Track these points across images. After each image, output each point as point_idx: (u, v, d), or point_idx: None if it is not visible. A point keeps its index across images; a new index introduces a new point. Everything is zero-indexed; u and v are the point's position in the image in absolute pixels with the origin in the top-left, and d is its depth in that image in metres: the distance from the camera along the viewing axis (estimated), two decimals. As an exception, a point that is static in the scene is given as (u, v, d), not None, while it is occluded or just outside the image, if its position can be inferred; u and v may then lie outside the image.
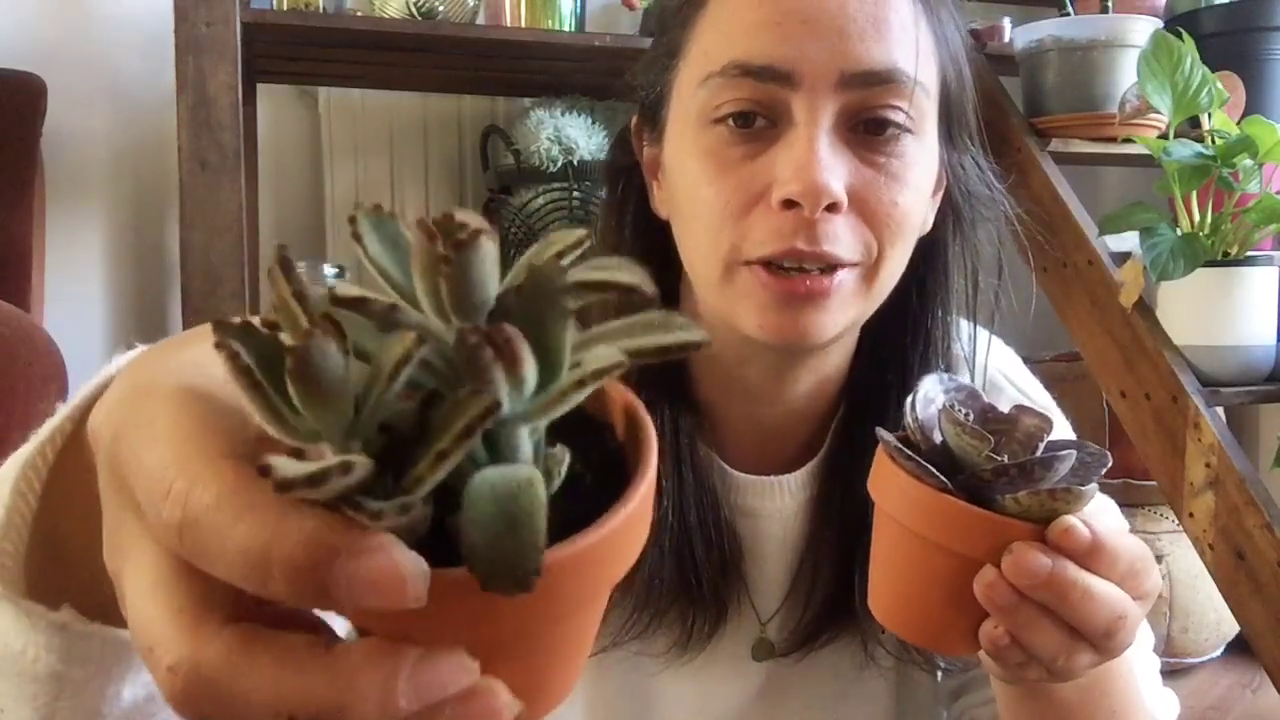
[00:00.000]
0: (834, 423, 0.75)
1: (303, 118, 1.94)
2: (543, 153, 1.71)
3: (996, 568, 0.47)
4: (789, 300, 0.62)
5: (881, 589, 0.54)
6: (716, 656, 0.75)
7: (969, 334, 0.76)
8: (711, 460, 0.73)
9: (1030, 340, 0.71)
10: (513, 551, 0.23)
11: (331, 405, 0.24)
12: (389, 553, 0.23)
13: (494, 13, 1.68)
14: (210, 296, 1.39)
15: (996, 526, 0.48)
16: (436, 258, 0.25)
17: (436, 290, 0.25)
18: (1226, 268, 1.48)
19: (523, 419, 0.26)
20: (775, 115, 0.63)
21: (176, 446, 0.25)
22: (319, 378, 0.23)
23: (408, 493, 0.24)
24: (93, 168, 1.80)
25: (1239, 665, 1.80)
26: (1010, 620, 0.48)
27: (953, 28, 0.68)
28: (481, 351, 0.23)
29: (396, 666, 0.24)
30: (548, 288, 0.25)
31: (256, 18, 1.48)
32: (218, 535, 0.24)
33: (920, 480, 0.48)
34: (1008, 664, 0.51)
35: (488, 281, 0.25)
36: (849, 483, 0.73)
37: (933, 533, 0.49)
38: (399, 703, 0.24)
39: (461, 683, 0.25)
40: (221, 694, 0.24)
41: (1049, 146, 1.67)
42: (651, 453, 0.28)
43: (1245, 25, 1.71)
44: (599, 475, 0.28)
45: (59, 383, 1.24)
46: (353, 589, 0.23)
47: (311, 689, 0.24)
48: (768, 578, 0.75)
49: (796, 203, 0.61)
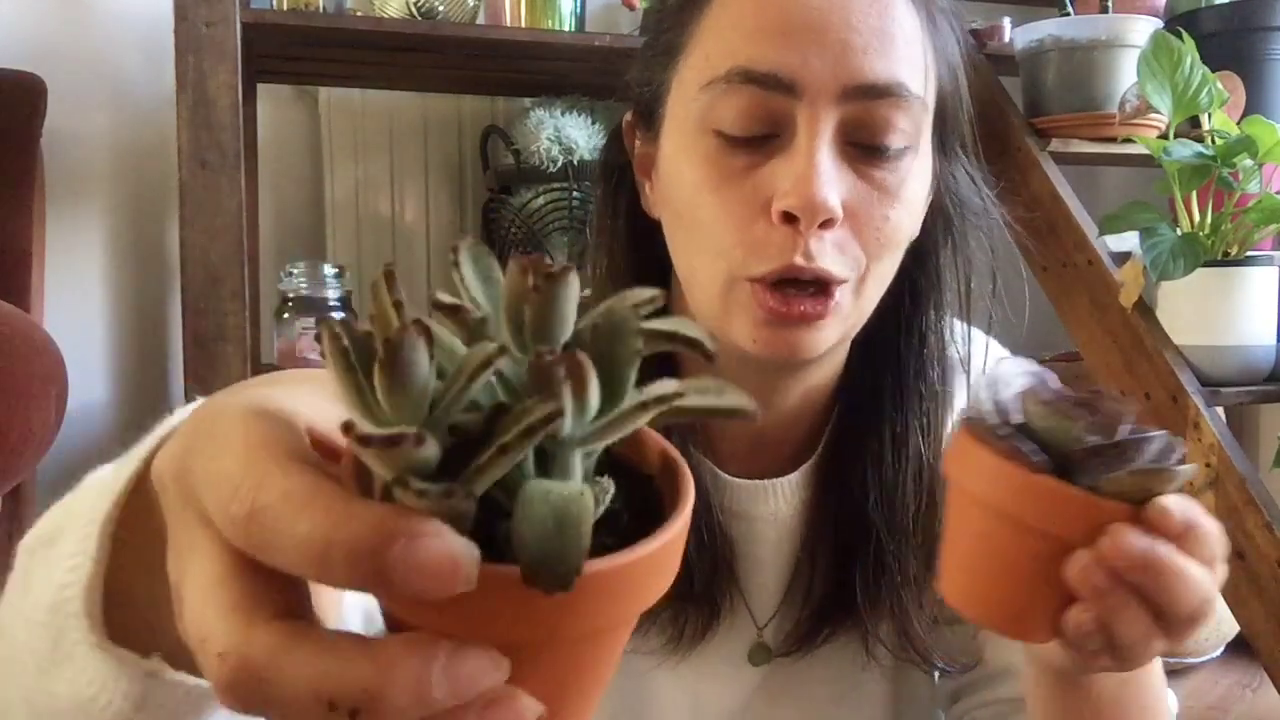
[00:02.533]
0: (828, 426, 0.75)
1: (303, 118, 1.94)
2: (543, 153, 1.71)
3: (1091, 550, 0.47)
4: (785, 320, 0.62)
5: (957, 573, 0.52)
6: (713, 660, 0.74)
7: (963, 335, 0.76)
8: (703, 464, 0.72)
9: (1030, 340, 0.71)
10: (558, 550, 0.25)
11: (411, 399, 0.26)
12: (444, 538, 0.24)
13: (494, 13, 1.68)
14: (210, 296, 1.39)
15: (1094, 507, 0.46)
16: (526, 288, 0.27)
17: (520, 318, 0.28)
18: (1226, 268, 1.48)
19: (579, 442, 0.28)
20: (777, 125, 0.63)
21: (245, 453, 0.27)
22: (405, 370, 0.25)
23: (466, 486, 0.25)
24: (93, 168, 1.80)
25: (1239, 665, 1.80)
26: (1100, 604, 0.47)
27: (951, 39, 0.68)
28: (554, 370, 0.26)
29: (432, 656, 0.25)
30: (621, 329, 0.28)
31: (256, 18, 1.48)
32: (283, 525, 0.25)
33: (1013, 461, 0.47)
34: (1084, 651, 0.50)
35: (568, 315, 0.28)
36: (844, 485, 0.73)
37: (1024, 514, 0.47)
38: (433, 692, 0.25)
39: (492, 679, 0.26)
40: (267, 680, 0.25)
41: (1049, 146, 1.67)
42: (689, 494, 0.30)
43: (1245, 25, 1.71)
44: (635, 515, 0.29)
45: (59, 383, 1.24)
46: (409, 572, 0.24)
47: (351, 675, 0.25)
48: (763, 581, 0.75)
49: (795, 216, 0.61)
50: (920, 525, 0.72)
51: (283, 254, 1.87)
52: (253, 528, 0.26)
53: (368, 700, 0.25)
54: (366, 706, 0.25)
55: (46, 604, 0.38)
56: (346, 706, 0.25)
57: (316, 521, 0.25)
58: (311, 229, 1.94)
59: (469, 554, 0.25)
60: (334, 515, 0.25)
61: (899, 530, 0.72)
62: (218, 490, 0.27)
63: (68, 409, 1.27)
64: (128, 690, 0.37)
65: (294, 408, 0.31)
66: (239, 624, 0.26)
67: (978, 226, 0.73)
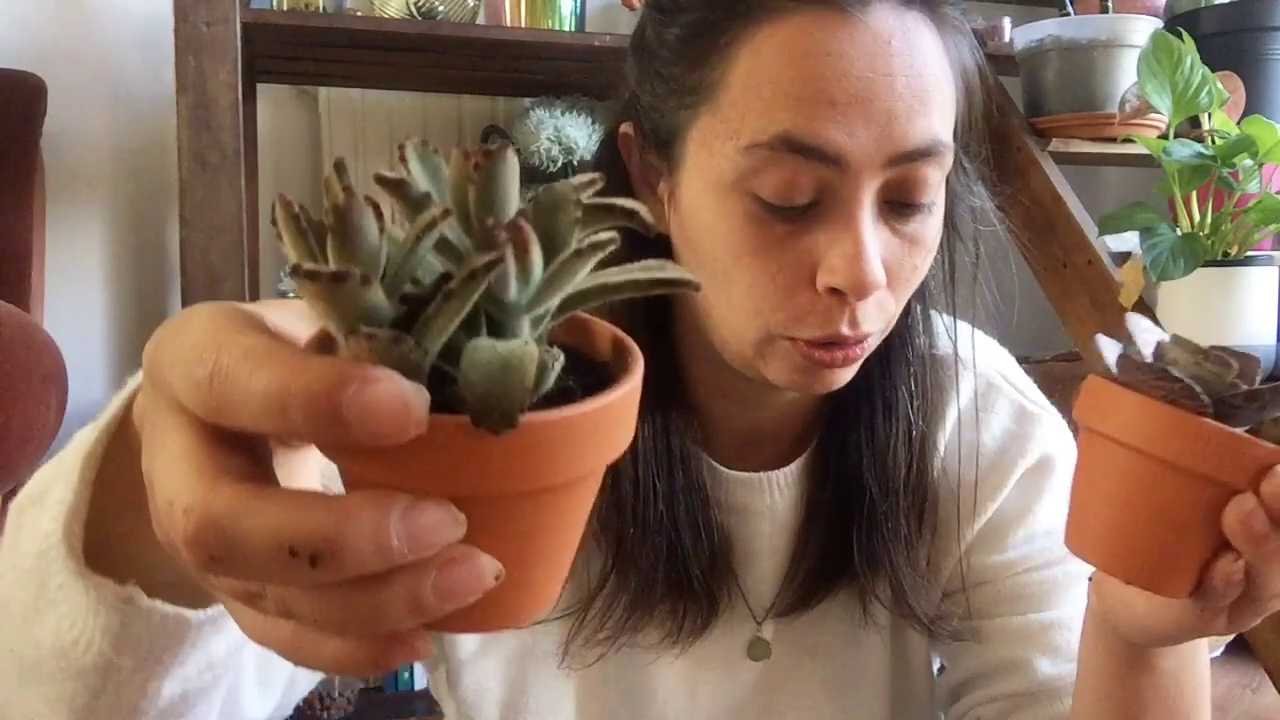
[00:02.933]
0: (823, 417, 0.76)
1: (303, 118, 1.94)
2: (543, 153, 1.71)
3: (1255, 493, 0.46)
4: (826, 365, 0.63)
5: (1095, 523, 0.51)
6: (711, 655, 0.75)
7: (948, 328, 0.76)
8: (700, 458, 0.73)
9: (1030, 340, 0.71)
10: (502, 389, 0.26)
11: (361, 261, 0.27)
12: (394, 381, 0.25)
13: (494, 13, 1.68)
14: (210, 296, 1.39)
15: (1259, 451, 0.46)
16: (468, 170, 0.28)
17: (465, 200, 0.29)
18: (1226, 268, 1.48)
19: (525, 309, 0.29)
20: (820, 194, 0.61)
21: (208, 324, 0.28)
22: (355, 234, 0.27)
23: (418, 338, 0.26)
24: (93, 168, 1.80)
25: (1239, 665, 1.80)
26: (1255, 551, 0.47)
27: (971, 60, 0.67)
28: (497, 233, 0.27)
29: (389, 507, 0.26)
30: (561, 201, 0.29)
31: (256, 18, 1.48)
32: (242, 382, 0.26)
33: (1177, 404, 0.47)
34: (1216, 606, 0.50)
35: (510, 191, 0.29)
36: (840, 476, 0.73)
37: (1186, 458, 0.47)
38: (391, 540, 0.26)
39: (449, 533, 0.27)
40: (228, 531, 0.26)
41: (1049, 146, 1.67)
42: (638, 362, 0.31)
43: (1245, 25, 1.71)
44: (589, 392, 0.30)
45: (59, 383, 1.24)
46: (362, 414, 0.25)
47: (310, 522, 0.26)
48: (762, 575, 0.76)
49: (842, 291, 0.60)
50: (910, 489, 0.73)
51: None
52: (214, 387, 0.27)
53: (326, 546, 0.25)
54: (325, 551, 0.26)
55: (33, 552, 0.40)
56: (306, 553, 0.25)
57: (273, 374, 0.26)
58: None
59: (418, 396, 0.26)
60: (290, 367, 0.26)
61: (891, 490, 0.72)
62: (183, 361, 0.28)
63: (68, 409, 1.27)
64: (106, 624, 0.38)
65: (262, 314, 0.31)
66: (203, 482, 0.27)
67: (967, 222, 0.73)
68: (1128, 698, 0.61)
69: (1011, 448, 0.77)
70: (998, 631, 0.76)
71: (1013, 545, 0.76)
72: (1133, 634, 0.58)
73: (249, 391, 0.26)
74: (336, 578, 0.26)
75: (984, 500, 0.76)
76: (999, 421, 0.78)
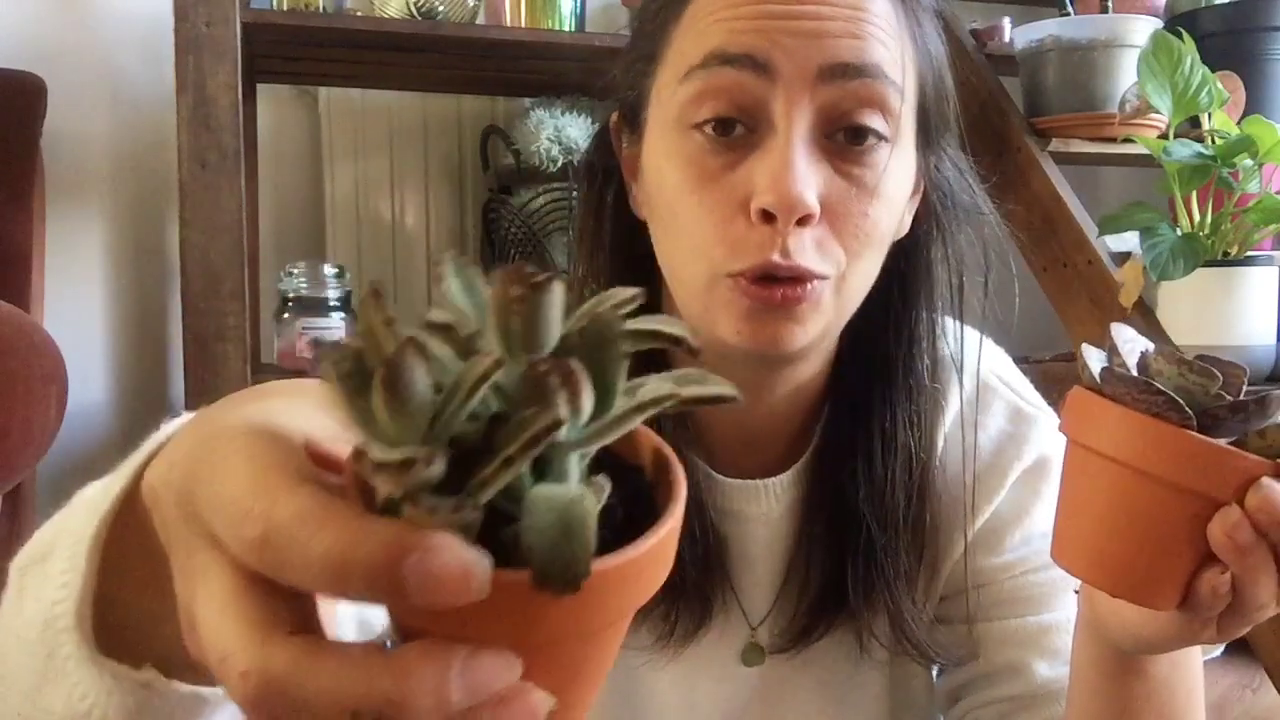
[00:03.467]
0: (819, 425, 0.75)
1: (303, 118, 1.94)
2: (543, 152, 1.71)
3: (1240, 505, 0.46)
4: (765, 309, 0.62)
5: (1080, 536, 0.51)
6: (706, 659, 0.74)
7: (954, 333, 0.75)
8: (695, 464, 0.72)
9: (1030, 340, 0.71)
10: (567, 555, 0.26)
11: (412, 416, 0.27)
12: (455, 550, 0.25)
13: (494, 13, 1.68)
14: (210, 296, 1.39)
15: (1243, 463, 0.46)
16: (512, 299, 0.28)
17: (508, 327, 0.29)
18: (1226, 268, 1.48)
19: (575, 445, 0.29)
20: (754, 120, 0.63)
21: (254, 475, 0.28)
22: (406, 389, 0.26)
23: (472, 497, 0.26)
24: (93, 168, 1.80)
25: (1239, 665, 1.79)
26: (1241, 563, 0.47)
27: (935, 36, 0.68)
28: (549, 378, 0.27)
29: (449, 661, 0.26)
30: (607, 332, 0.29)
31: (256, 18, 1.48)
32: (300, 545, 0.26)
33: (1160, 418, 0.46)
34: (1202, 618, 0.49)
35: (554, 322, 0.29)
36: (837, 483, 0.73)
37: (1170, 471, 0.47)
38: (451, 695, 0.26)
39: (505, 679, 0.27)
40: (290, 694, 0.26)
41: (1049, 146, 1.67)
42: (681, 489, 0.31)
43: (1245, 25, 1.71)
44: (629, 510, 0.30)
45: (59, 383, 1.24)
46: (424, 584, 0.25)
47: (374, 686, 0.26)
48: (756, 581, 0.75)
49: (773, 214, 0.61)
50: (911, 519, 0.72)
51: (283, 254, 1.87)
52: (268, 550, 0.26)
53: (390, 709, 0.25)
54: (389, 714, 0.25)
55: (39, 621, 0.39)
56: (370, 716, 0.25)
57: (332, 540, 0.25)
58: (311, 229, 1.94)
59: (481, 564, 0.25)
60: (349, 533, 0.25)
61: (890, 525, 0.72)
62: (228, 514, 0.27)
63: (68, 409, 1.27)
64: (121, 703, 0.38)
65: (290, 422, 0.31)
66: (258, 639, 0.26)
67: (967, 222, 0.73)
68: (1119, 704, 0.61)
69: (1008, 449, 0.77)
70: (995, 634, 0.75)
71: (1010, 548, 0.76)
72: (1122, 642, 0.58)
73: (306, 557, 0.26)
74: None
75: (980, 503, 0.76)
76: (995, 423, 0.77)
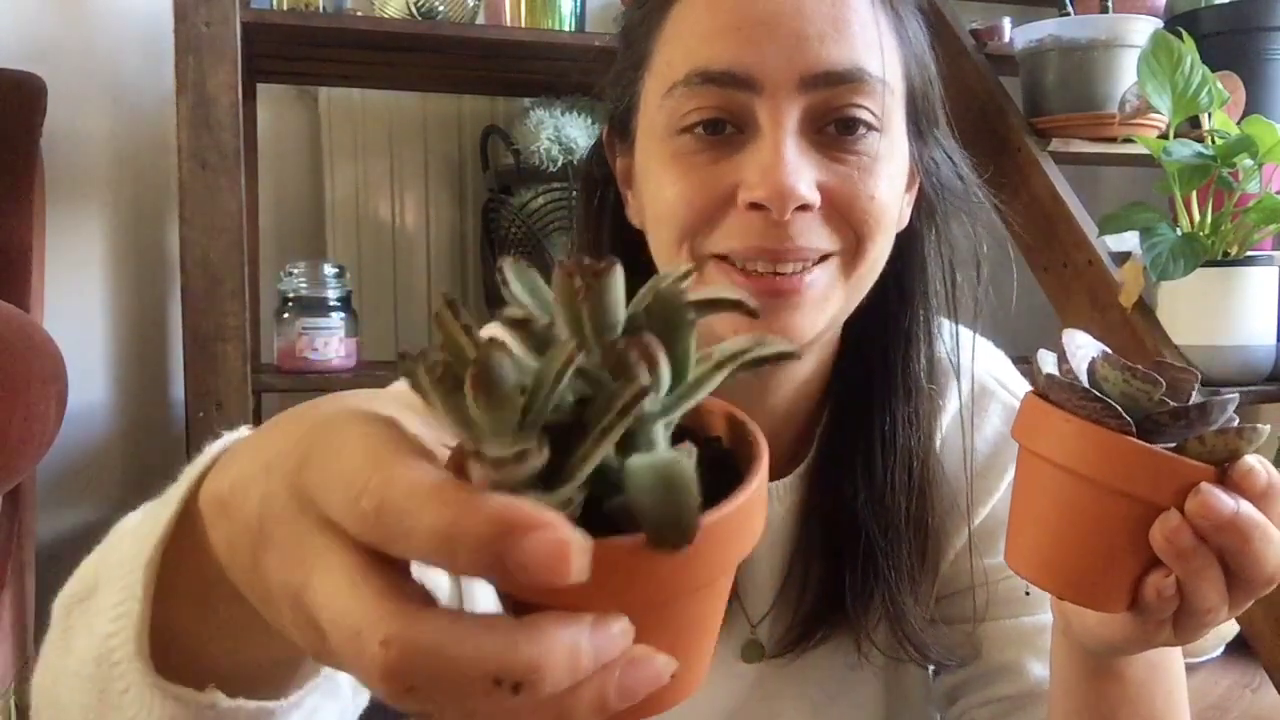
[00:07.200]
0: (819, 427, 0.75)
1: (303, 118, 1.94)
2: (543, 152, 1.71)
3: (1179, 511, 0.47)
4: (762, 300, 0.62)
5: (1031, 542, 0.52)
6: None
7: (950, 333, 0.75)
8: None
9: (1030, 340, 0.71)
10: (675, 510, 0.28)
11: (505, 409, 0.28)
12: (559, 530, 0.26)
13: (494, 13, 1.68)
14: (210, 296, 1.39)
15: (1182, 468, 0.47)
16: (575, 289, 0.30)
17: (577, 316, 0.30)
18: (1226, 268, 1.48)
19: (660, 414, 0.30)
20: (742, 122, 0.63)
21: (368, 451, 0.28)
22: (496, 384, 0.28)
23: (572, 474, 0.28)
24: (93, 168, 1.80)
25: (1239, 665, 1.79)
26: (1184, 567, 0.47)
27: (915, 24, 0.68)
28: (629, 353, 0.28)
29: (580, 628, 0.27)
30: (672, 305, 0.31)
31: (256, 18, 1.48)
32: (411, 518, 0.26)
33: (1100, 424, 0.47)
34: (1153, 621, 0.50)
35: (619, 304, 0.30)
36: (837, 486, 0.73)
37: (1111, 477, 0.47)
38: (584, 661, 0.27)
39: (626, 643, 0.28)
40: (434, 663, 0.26)
41: (1049, 146, 1.67)
42: (762, 445, 0.32)
43: (1245, 25, 1.71)
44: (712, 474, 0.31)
45: (59, 383, 1.24)
46: (527, 562, 0.25)
47: (517, 653, 0.26)
48: (757, 581, 0.75)
49: (764, 206, 0.60)
50: (913, 521, 0.72)
51: (283, 254, 1.87)
52: (382, 521, 0.27)
53: (531, 674, 0.26)
54: (529, 679, 0.26)
55: (90, 657, 0.39)
56: (511, 682, 0.26)
57: (442, 513, 0.26)
58: (311, 229, 1.94)
59: (581, 545, 0.26)
60: (458, 507, 0.26)
61: (890, 527, 0.72)
62: (344, 489, 0.28)
63: (68, 409, 1.27)
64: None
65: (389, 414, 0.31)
66: (396, 610, 0.27)
67: (960, 209, 0.73)
68: (1097, 706, 0.61)
69: (1004, 450, 0.77)
70: (990, 634, 0.76)
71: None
72: (1089, 644, 0.58)
73: (418, 530, 0.26)
74: (534, 700, 0.27)
75: (977, 504, 0.76)
76: (991, 425, 0.78)
